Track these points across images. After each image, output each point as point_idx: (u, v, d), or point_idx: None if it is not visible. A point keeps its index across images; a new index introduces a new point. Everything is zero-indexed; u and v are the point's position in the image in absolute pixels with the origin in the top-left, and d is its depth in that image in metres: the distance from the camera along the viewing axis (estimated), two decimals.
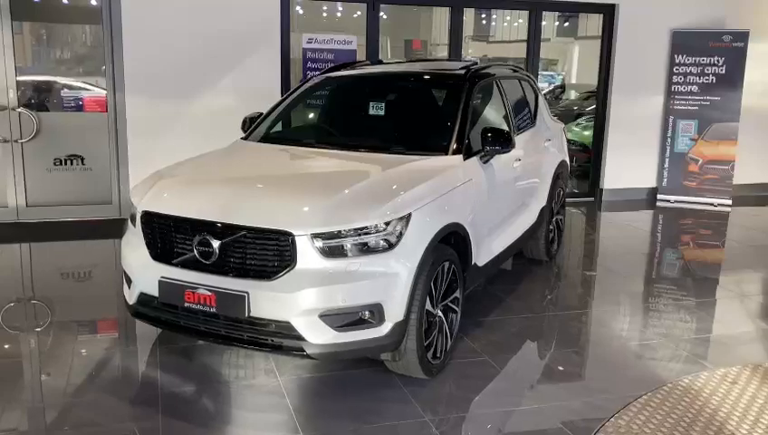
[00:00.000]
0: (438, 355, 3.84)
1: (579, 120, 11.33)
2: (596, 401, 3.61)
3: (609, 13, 8.68)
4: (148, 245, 3.63)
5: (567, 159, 6.32)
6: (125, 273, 3.82)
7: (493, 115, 5.02)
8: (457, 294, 4.01)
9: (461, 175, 4.08)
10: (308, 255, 3.29)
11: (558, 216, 6.21)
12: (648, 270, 6.26)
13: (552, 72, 17.23)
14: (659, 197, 8.96)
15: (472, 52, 18.19)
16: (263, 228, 3.31)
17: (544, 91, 14.36)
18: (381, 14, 7.82)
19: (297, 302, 3.27)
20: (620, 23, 8.56)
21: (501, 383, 3.83)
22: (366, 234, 3.35)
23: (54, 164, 7.00)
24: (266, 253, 3.33)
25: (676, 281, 5.91)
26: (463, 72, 4.78)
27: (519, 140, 5.11)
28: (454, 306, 4.00)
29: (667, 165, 8.93)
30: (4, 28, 6.65)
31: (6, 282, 5.51)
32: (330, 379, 3.81)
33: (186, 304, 3.44)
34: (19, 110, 6.81)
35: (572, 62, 18.03)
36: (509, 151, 4.40)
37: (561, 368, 4.09)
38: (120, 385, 3.74)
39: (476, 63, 5.21)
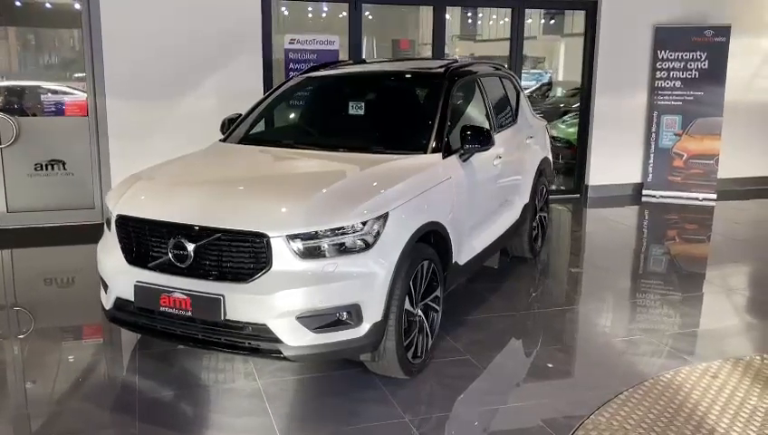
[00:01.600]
0: (419, 355, 3.82)
1: (565, 118, 11.34)
2: (578, 398, 3.60)
3: (591, 9, 8.69)
4: (124, 249, 3.59)
5: (550, 156, 6.31)
6: (101, 278, 3.78)
7: (473, 113, 5.01)
8: (438, 293, 3.99)
9: (440, 173, 4.07)
10: (284, 256, 3.26)
11: (542, 213, 6.20)
12: (633, 266, 6.24)
13: (539, 70, 17.27)
14: (645, 192, 8.97)
15: (459, 51, 18.24)
16: (237, 230, 3.28)
17: (531, 90, 14.40)
18: (367, 13, 7.80)
19: (273, 304, 3.24)
20: (603, 19, 8.56)
21: (482, 382, 3.81)
22: (342, 234, 3.33)
23: (35, 169, 6.94)
24: (242, 255, 3.30)
25: (662, 276, 5.92)
26: (442, 70, 4.76)
27: (499, 137, 5.11)
28: (434, 305, 3.98)
29: (651, 160, 8.95)
30: None
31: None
32: (310, 380, 3.78)
33: (161, 309, 3.41)
34: None
35: (559, 60, 18.05)
36: (488, 149, 4.39)
37: (544, 366, 4.07)
38: (98, 391, 3.70)
39: (456, 62, 5.20)
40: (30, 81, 7.24)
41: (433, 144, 4.19)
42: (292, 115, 4.85)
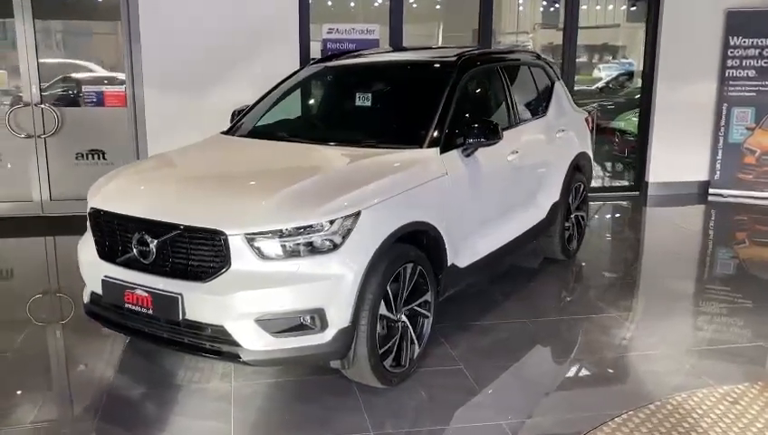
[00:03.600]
0: (402, 363, 3.58)
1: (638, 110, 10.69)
2: (570, 419, 3.28)
3: None
4: (96, 243, 3.53)
5: (589, 151, 5.88)
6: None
7: (486, 105, 4.70)
8: (428, 297, 3.73)
9: (434, 169, 3.79)
10: (243, 255, 3.10)
11: (578, 212, 5.78)
12: (683, 272, 5.65)
13: (619, 60, 16.43)
14: (711, 191, 8.30)
15: (540, 40, 17.61)
16: (195, 227, 3.14)
17: (607, 80, 13.71)
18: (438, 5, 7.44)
19: (231, 305, 3.09)
20: (667, 2, 7.94)
21: (468, 396, 3.52)
22: (307, 233, 3.13)
23: (76, 158, 7.10)
24: (201, 253, 3.16)
25: (713, 284, 5.39)
26: (454, 59, 4.46)
27: (519, 131, 4.79)
28: (423, 311, 3.72)
29: (719, 156, 8.25)
30: (27, 26, 6.77)
31: (32, 275, 5.60)
32: (285, 385, 3.61)
33: (126, 305, 3.32)
34: (42, 106, 6.93)
35: (641, 48, 17.11)
36: (495, 143, 4.07)
37: (540, 381, 3.74)
38: (72, 384, 3.67)
39: (476, 50, 4.88)
40: (71, 72, 7.39)
41: (430, 138, 3.92)
42: (293, 107, 4.68)
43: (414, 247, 3.60)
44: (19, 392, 3.56)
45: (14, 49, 6.82)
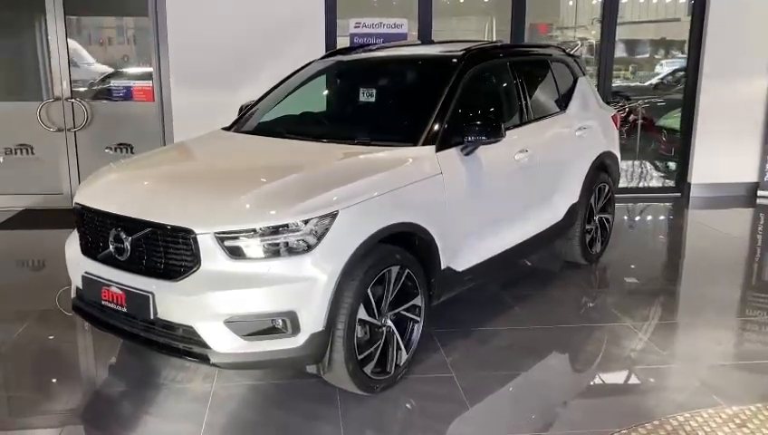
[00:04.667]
0: (388, 369, 3.44)
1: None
2: None
3: None
4: (80, 238, 3.52)
5: (615, 150, 5.58)
6: None
7: (494, 102, 4.49)
8: (417, 301, 3.57)
9: (426, 168, 3.63)
10: (213, 255, 3.01)
11: (603, 214, 5.51)
12: (715, 281, 5.25)
13: (676, 55, 15.80)
14: (760, 193, 7.81)
15: (595, 34, 17.13)
16: (165, 225, 3.07)
17: (662, 75, 13.18)
18: None
19: (200, 306, 3.01)
20: None
21: (456, 407, 3.34)
22: (279, 233, 3.02)
23: (105, 152, 7.19)
24: (172, 252, 3.09)
25: (747, 296, 5.02)
26: (460, 54, 4.28)
27: (531, 129, 4.57)
28: (412, 315, 3.57)
29: None
30: (58, 22, 6.89)
31: (63, 266, 5.68)
32: (266, 388, 3.52)
33: (103, 302, 3.29)
34: (72, 100, 7.05)
35: None
36: (497, 142, 3.87)
37: (534, 394, 3.53)
38: (56, 380, 3.63)
39: (488, 45, 4.69)
40: (101, 67, 7.50)
41: (426, 135, 3.75)
42: (296, 104, 4.58)
43: (402, 249, 3.44)
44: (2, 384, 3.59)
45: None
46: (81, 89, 7.28)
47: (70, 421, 3.21)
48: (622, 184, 8.36)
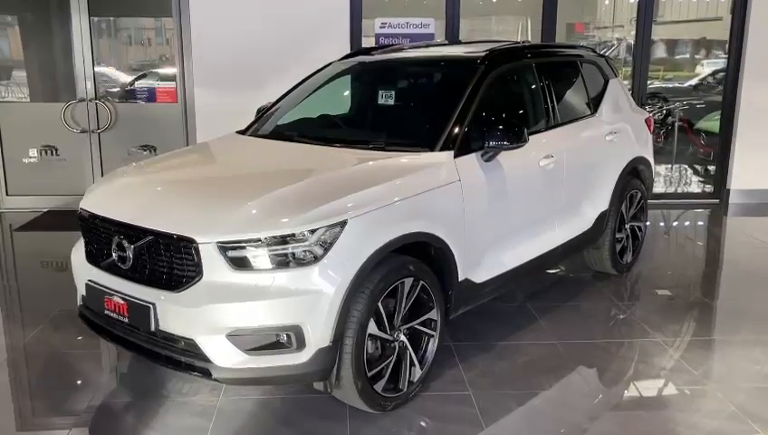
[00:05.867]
0: (400, 386, 3.28)
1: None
2: None
3: None
4: (85, 244, 3.42)
5: (649, 156, 5.33)
6: None
7: (518, 105, 4.29)
8: (432, 315, 3.40)
9: (444, 175, 3.45)
10: (216, 265, 2.88)
11: (634, 222, 5.26)
12: (752, 294, 4.98)
13: (717, 55, 15.34)
14: None
15: (634, 33, 16.77)
16: (167, 233, 2.95)
17: (702, 76, 12.76)
18: None
19: (202, 318, 2.89)
20: None
21: (466, 428, 3.17)
22: (285, 243, 2.88)
23: (128, 154, 7.16)
24: (174, 262, 2.97)
25: None
26: (483, 54, 4.09)
27: (558, 133, 4.37)
28: (427, 330, 3.40)
29: None
30: (83, 23, 6.88)
31: None
32: (273, 402, 3.39)
33: (105, 312, 3.19)
34: (96, 101, 7.03)
35: None
36: (519, 147, 3.67)
37: (552, 415, 3.32)
38: (63, 388, 3.57)
39: (515, 45, 4.50)
40: (124, 68, 7.47)
41: (444, 141, 3.58)
42: (314, 106, 4.44)
43: (417, 260, 3.28)
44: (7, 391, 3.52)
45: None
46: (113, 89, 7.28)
47: (72, 432, 3.12)
48: (658, 190, 8.10)
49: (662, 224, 7.13)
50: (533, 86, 4.35)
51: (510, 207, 3.89)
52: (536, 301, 4.69)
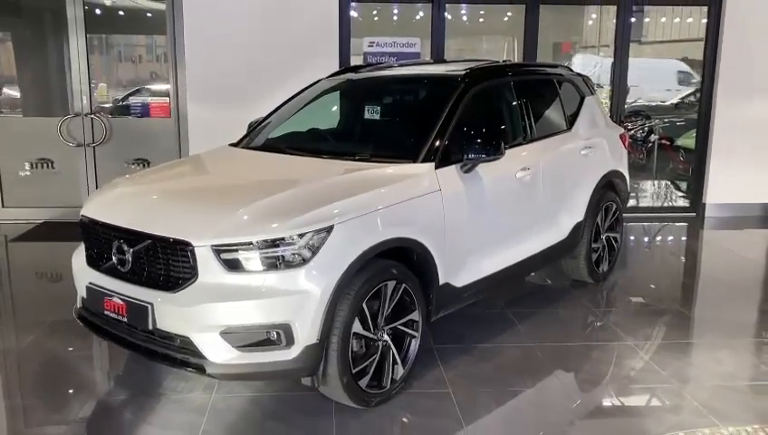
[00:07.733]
0: (384, 383, 3.48)
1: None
2: None
3: (715, 4, 7.64)
4: (86, 249, 3.61)
5: (623, 169, 5.58)
6: None
7: (496, 120, 4.53)
8: (414, 316, 3.61)
9: (424, 185, 3.68)
10: (210, 267, 3.08)
11: (610, 233, 5.50)
12: (723, 302, 5.20)
13: (696, 74, 15.73)
14: None
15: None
16: (164, 237, 3.16)
17: (682, 95, 13.10)
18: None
19: (197, 317, 3.08)
20: (728, 8, 7.49)
21: (448, 423, 3.36)
22: (275, 247, 3.08)
23: (124, 167, 7.35)
24: (171, 264, 3.17)
25: (756, 318, 4.94)
26: (463, 73, 4.33)
27: (534, 147, 4.60)
28: (409, 330, 3.60)
29: None
30: (79, 40, 7.09)
31: None
32: (264, 399, 3.57)
33: (105, 312, 3.38)
34: (92, 116, 7.23)
35: None
36: (497, 159, 3.91)
37: (529, 412, 3.53)
38: (62, 387, 3.73)
39: (493, 64, 4.74)
40: (119, 83, 7.68)
41: (425, 153, 3.81)
42: (303, 120, 4.67)
43: (400, 264, 3.49)
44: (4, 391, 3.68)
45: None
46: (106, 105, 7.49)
47: (70, 429, 3.29)
48: (637, 204, 8.37)
49: (639, 236, 7.36)
50: (512, 102, 4.60)
51: (488, 215, 4.11)
52: (516, 307, 4.91)
